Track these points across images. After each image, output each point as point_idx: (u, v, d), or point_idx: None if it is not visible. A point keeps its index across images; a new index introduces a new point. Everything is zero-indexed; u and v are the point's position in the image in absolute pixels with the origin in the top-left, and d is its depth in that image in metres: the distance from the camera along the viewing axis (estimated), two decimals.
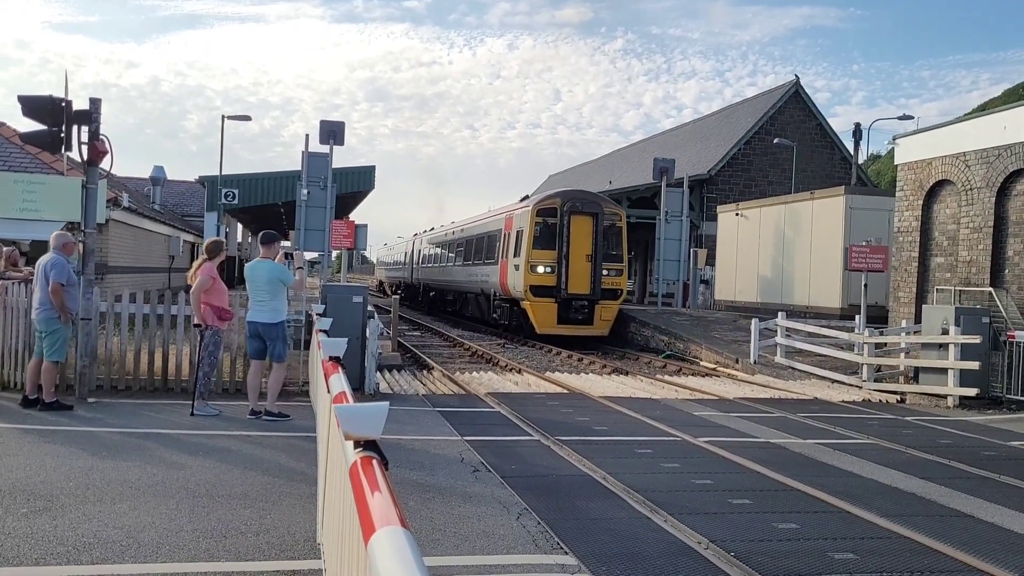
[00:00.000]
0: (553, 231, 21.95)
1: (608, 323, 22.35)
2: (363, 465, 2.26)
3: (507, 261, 23.29)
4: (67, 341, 9.82)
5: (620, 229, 22.97)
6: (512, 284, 22.68)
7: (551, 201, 22.46)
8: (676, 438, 9.43)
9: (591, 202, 22.73)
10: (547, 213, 22.16)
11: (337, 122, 23.28)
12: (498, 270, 24.26)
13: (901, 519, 6.32)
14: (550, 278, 21.72)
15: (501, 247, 24.24)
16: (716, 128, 43.12)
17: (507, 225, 24.16)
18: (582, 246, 21.85)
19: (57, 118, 9.85)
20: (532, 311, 21.79)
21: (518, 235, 22.64)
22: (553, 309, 21.66)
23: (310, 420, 8.87)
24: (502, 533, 5.66)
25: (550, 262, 21.79)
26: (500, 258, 24.16)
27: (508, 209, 25.47)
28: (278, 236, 10.22)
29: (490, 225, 26.80)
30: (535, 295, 21.61)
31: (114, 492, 6.27)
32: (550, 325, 21.61)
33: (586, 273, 21.78)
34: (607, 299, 22.12)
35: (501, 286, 23.92)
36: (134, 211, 24.53)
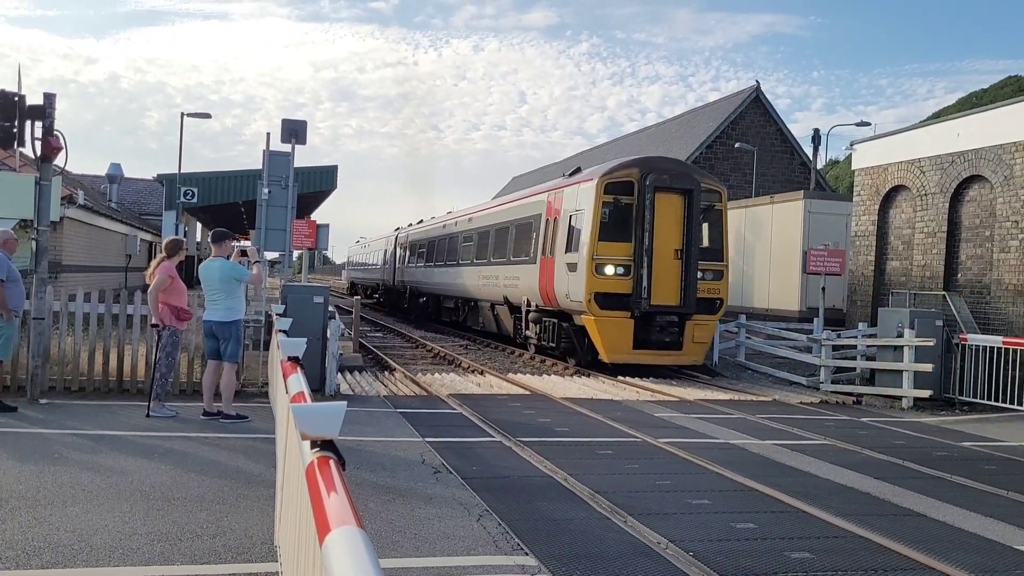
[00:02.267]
0: (627, 215, 15.64)
1: (703, 347, 16.20)
2: (320, 465, 2.24)
3: (551, 259, 17.04)
4: (11, 340, 9.58)
5: (720, 213, 16.53)
6: (562, 290, 16.38)
7: (625, 172, 15.85)
8: (637, 439, 9.49)
9: (682, 174, 16.12)
10: (619, 189, 15.71)
11: (299, 121, 23.01)
12: (535, 271, 17.99)
13: (856, 518, 6.42)
14: (623, 282, 15.44)
15: (540, 240, 18.00)
16: (679, 132, 43.52)
17: (550, 209, 17.82)
18: (669, 237, 15.62)
19: (9, 113, 9.62)
20: (597, 330, 15.48)
21: (572, 222, 16.43)
22: (627, 328, 15.41)
23: (269, 422, 8.76)
24: (462, 534, 5.64)
25: (623, 259, 15.49)
26: (538, 255, 17.95)
27: (551, 187, 18.78)
28: (230, 234, 10.07)
29: (520, 211, 20.32)
30: (601, 307, 15.32)
31: (66, 495, 6.13)
32: (623, 350, 15.44)
33: (674, 276, 15.58)
34: (703, 313, 15.78)
35: (541, 293, 17.52)
36: (90, 209, 24.05)
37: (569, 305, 16.26)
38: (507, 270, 20.15)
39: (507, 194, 34.87)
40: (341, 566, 1.48)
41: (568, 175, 18.07)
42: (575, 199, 16.53)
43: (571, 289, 15.99)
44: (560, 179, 18.87)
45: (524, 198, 20.94)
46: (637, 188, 15.63)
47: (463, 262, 24.70)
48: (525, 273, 18.72)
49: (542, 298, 17.56)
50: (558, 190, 17.84)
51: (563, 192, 17.40)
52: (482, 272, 22.32)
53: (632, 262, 15.52)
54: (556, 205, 17.56)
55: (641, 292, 15.37)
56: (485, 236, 22.96)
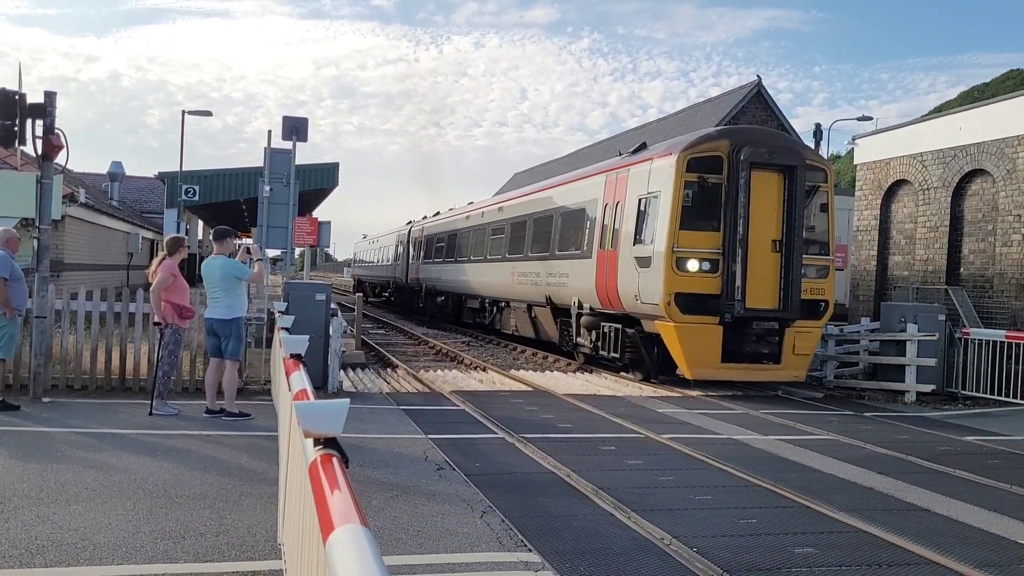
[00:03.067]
0: (714, 198, 13.02)
1: (806, 360, 13.56)
2: (323, 463, 2.23)
3: (613, 253, 14.46)
4: (13, 338, 9.58)
5: (826, 195, 13.88)
6: (628, 290, 13.78)
7: (712, 146, 13.17)
8: (640, 435, 9.48)
9: (784, 148, 13.43)
10: (705, 166, 13.02)
11: (300, 118, 23.00)
12: (589, 267, 15.46)
13: (860, 513, 6.41)
14: (709, 281, 12.86)
15: (597, 230, 15.34)
16: (680, 127, 43.43)
17: (610, 193, 15.09)
18: (767, 224, 13.01)
19: (10, 112, 9.60)
20: (678, 339, 12.82)
21: (642, 207, 13.77)
22: (715, 336, 12.79)
23: (271, 419, 8.76)
24: (466, 531, 5.64)
25: (710, 253, 12.90)
26: (594, 247, 15.36)
27: (610, 167, 15.83)
28: (231, 231, 10.06)
29: (568, 196, 17.57)
30: (683, 310, 12.73)
31: (69, 493, 6.13)
32: (709, 363, 12.89)
33: (772, 272, 13.05)
34: (806, 318, 13.21)
35: (599, 293, 14.96)
36: (91, 207, 24.06)
37: (638, 308, 13.55)
38: (551, 266, 17.59)
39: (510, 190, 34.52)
40: (345, 564, 1.47)
41: (632, 152, 15.29)
42: (646, 180, 13.80)
43: (642, 289, 13.32)
44: (620, 157, 15.96)
45: (573, 181, 17.89)
46: (727, 164, 12.92)
47: (492, 257, 22.19)
48: (576, 270, 16.13)
49: (600, 299, 14.96)
50: (621, 170, 14.97)
51: (628, 172, 14.55)
52: (517, 269, 19.81)
53: (721, 255, 12.89)
54: (619, 188, 14.77)
55: (733, 292, 12.69)
56: (521, 227, 20.29)
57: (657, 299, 12.93)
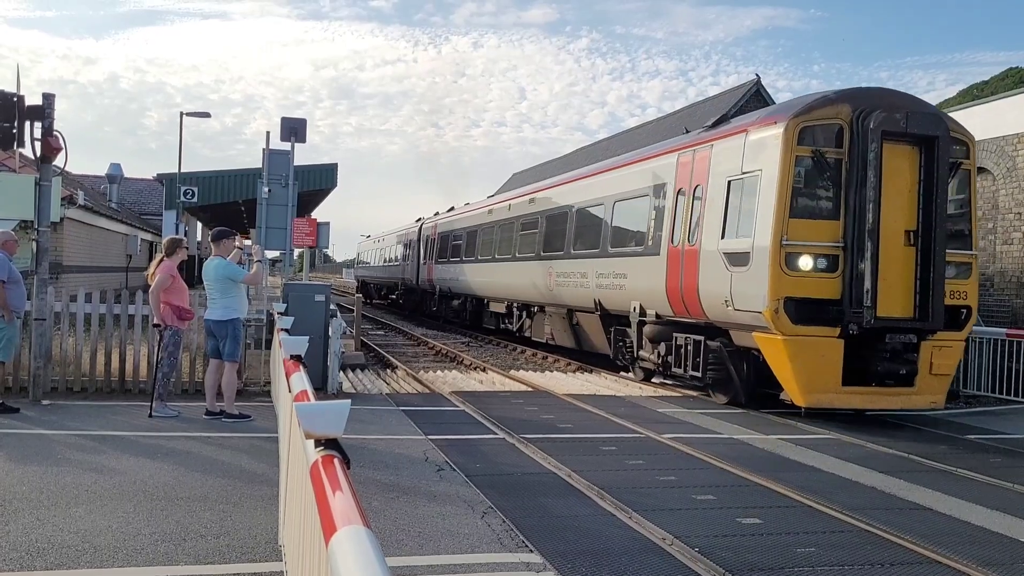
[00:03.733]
0: (833, 178, 10.50)
1: (945, 381, 11.08)
2: (324, 464, 2.22)
3: (692, 249, 11.92)
4: (12, 341, 9.56)
5: (968, 175, 11.33)
6: (716, 293, 11.27)
7: (831, 112, 10.54)
8: (641, 435, 9.47)
9: (923, 115, 10.66)
10: (821, 137, 10.51)
11: (298, 119, 22.98)
12: (656, 266, 12.90)
13: (861, 512, 6.40)
14: (827, 282, 10.33)
15: (668, 221, 12.79)
16: (679, 126, 43.38)
17: (685, 175, 12.52)
18: (898, 211, 10.51)
19: (9, 114, 9.59)
20: (787, 356, 10.26)
21: (734, 190, 11.23)
22: (835, 352, 10.25)
23: (272, 421, 8.75)
24: (467, 532, 5.63)
25: (827, 246, 10.37)
26: (663, 242, 12.83)
27: (684, 144, 13.10)
28: (229, 232, 10.05)
29: (624, 182, 14.86)
30: (796, 319, 10.21)
31: (69, 496, 6.12)
32: (827, 387, 10.27)
33: (906, 271, 10.52)
34: (947, 328, 10.68)
35: (671, 297, 12.46)
36: (90, 209, 24.05)
37: (728, 317, 11.06)
38: (602, 265, 15.19)
39: (510, 189, 34.21)
40: (347, 566, 1.46)
41: (711, 125, 12.68)
42: (738, 156, 11.19)
43: (736, 292, 10.81)
44: (693, 133, 13.46)
45: (629, 164, 15.12)
46: (850, 135, 10.41)
47: (523, 256, 19.86)
48: (637, 269, 13.73)
49: (672, 305, 12.51)
50: (700, 147, 12.33)
51: (712, 149, 11.94)
52: (555, 268, 17.45)
53: (841, 250, 10.33)
54: (697, 169, 12.20)
55: (860, 297, 10.14)
56: (560, 221, 17.86)
57: (759, 305, 10.36)
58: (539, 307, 19.19)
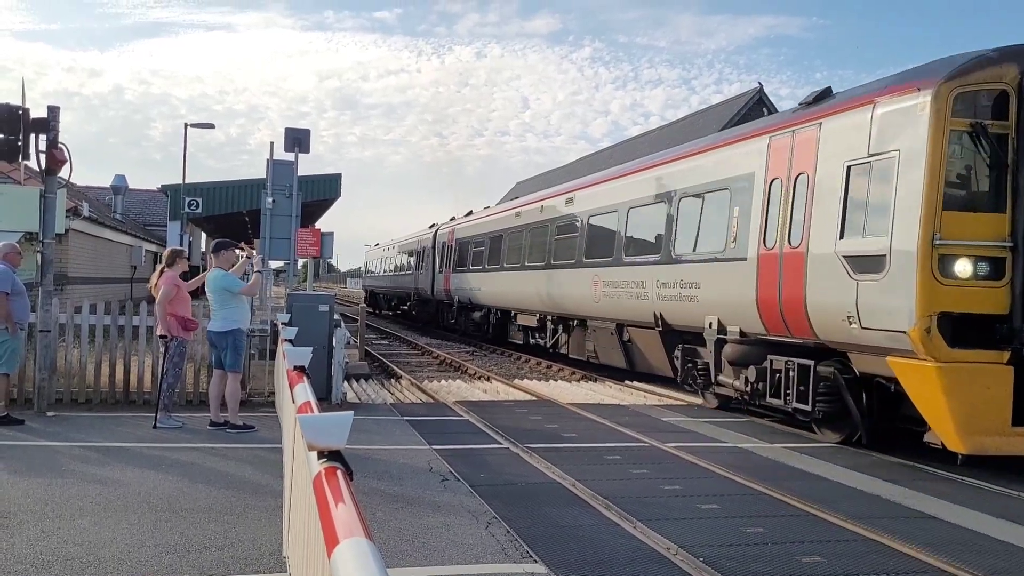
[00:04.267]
0: (997, 157, 8.43)
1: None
2: (327, 476, 2.22)
3: (796, 251, 9.82)
4: (16, 353, 9.59)
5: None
6: (834, 307, 9.13)
7: (992, 75, 8.39)
8: (645, 444, 9.46)
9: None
10: (981, 106, 8.51)
11: (302, 129, 23.10)
12: (744, 273, 10.79)
13: (867, 521, 6.38)
14: (991, 294, 8.28)
15: (760, 217, 10.62)
16: (682, 134, 43.44)
17: (779, 162, 10.41)
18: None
19: (14, 126, 9.65)
20: (941, 389, 8.06)
21: (855, 178, 9.17)
22: (1004, 381, 8.07)
23: (275, 431, 8.76)
24: (471, 542, 5.62)
25: (991, 247, 8.33)
26: (753, 244, 10.69)
27: (779, 124, 10.80)
28: (228, 243, 10.09)
29: (697, 174, 12.50)
30: (954, 340, 8.12)
31: (74, 508, 6.13)
32: (995, 428, 8.06)
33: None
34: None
35: (764, 310, 10.38)
36: (94, 220, 24.13)
37: (852, 336, 8.85)
38: (665, 273, 12.95)
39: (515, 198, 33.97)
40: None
41: (812, 101, 10.31)
42: (864, 135, 8.97)
43: (867, 305, 8.63)
44: (789, 112, 11.10)
45: (703, 153, 12.72)
46: (1018, 103, 8.35)
47: (559, 263, 17.78)
48: (715, 277, 11.53)
49: (765, 320, 10.34)
50: (801, 127, 10.11)
51: (820, 129, 9.70)
52: (602, 277, 15.26)
53: (1009, 251, 8.27)
54: (799, 154, 9.99)
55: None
56: (608, 222, 15.65)
57: (901, 323, 8.20)
58: (579, 321, 17.14)
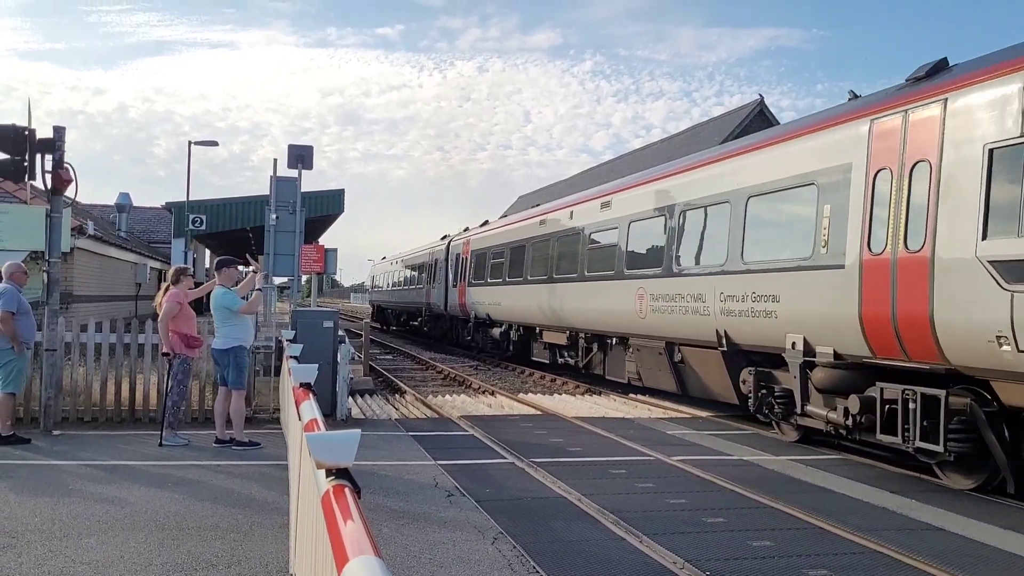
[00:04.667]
0: None
1: None
2: (335, 494, 2.24)
3: (916, 256, 8.15)
4: (22, 372, 9.62)
5: None
6: (975, 324, 7.42)
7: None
8: (650, 457, 9.44)
9: None
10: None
11: (305, 146, 23.18)
12: (843, 283, 9.16)
13: (874, 534, 6.37)
14: None
15: (863, 216, 8.97)
16: (683, 147, 43.56)
17: (886, 149, 8.72)
18: None
19: (20, 147, 9.72)
20: None
21: (1005, 165, 7.32)
22: None
23: (281, 448, 8.77)
24: (477, 558, 5.62)
25: None
26: (856, 247, 9.01)
27: (883, 104, 8.95)
28: (230, 261, 10.13)
29: (775, 167, 10.73)
30: None
31: (80, 526, 6.14)
32: None
33: None
34: None
35: (870, 327, 8.75)
36: (99, 239, 24.20)
37: (1001, 361, 7.28)
38: (732, 284, 11.23)
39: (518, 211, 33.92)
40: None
41: (923, 76, 8.61)
42: (1010, 109, 7.32)
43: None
44: (897, 88, 9.08)
45: (776, 142, 10.90)
46: None
47: (594, 274, 16.07)
48: (800, 288, 9.88)
49: (872, 340, 8.72)
50: (919, 105, 8.35)
51: (946, 105, 8.00)
52: (649, 290, 13.45)
53: None
54: (917, 137, 8.29)
55: None
56: (655, 228, 13.77)
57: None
58: (618, 339, 15.36)
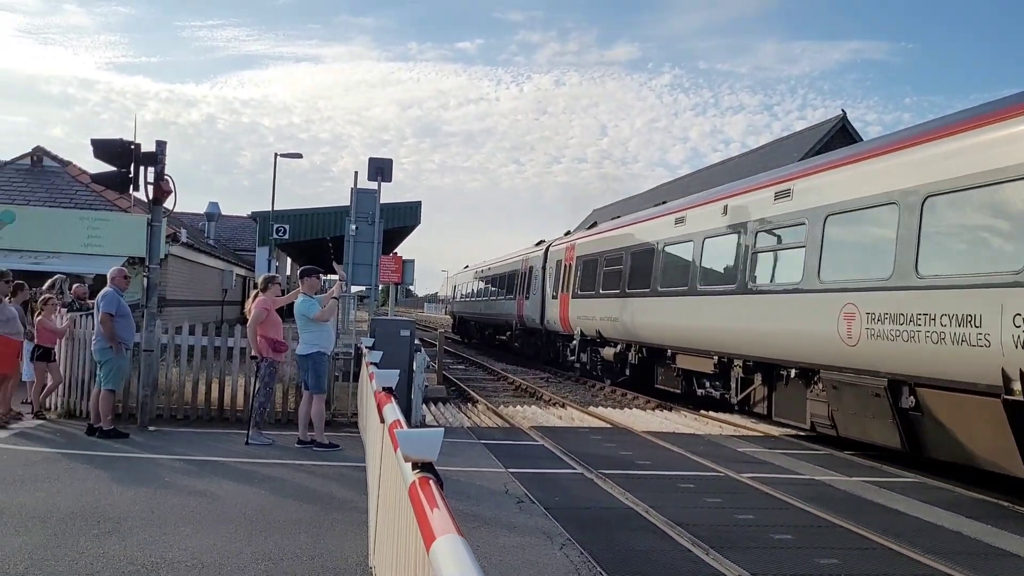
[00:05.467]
0: None
1: None
2: (421, 484, 2.50)
3: None
4: (122, 370, 10.26)
5: None
6: None
7: None
8: (720, 473, 9.49)
9: None
10: None
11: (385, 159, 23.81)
12: None
13: (944, 557, 6.33)
14: None
15: None
16: (762, 163, 42.98)
17: None
18: None
19: (126, 160, 10.41)
20: None
21: None
22: None
23: (359, 451, 9.15)
24: (546, 563, 5.83)
25: None
26: None
27: None
28: (313, 271, 10.65)
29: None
30: None
31: (176, 516, 6.59)
32: None
33: None
34: None
35: None
36: (191, 246, 25.36)
37: None
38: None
39: (592, 225, 34.03)
40: (448, 567, 1.72)
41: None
42: None
43: None
44: None
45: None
46: None
47: (767, 284, 12.63)
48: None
49: None
50: None
51: None
52: (865, 306, 10.02)
53: None
54: None
55: None
56: (872, 222, 10.48)
57: None
58: (800, 370, 11.87)
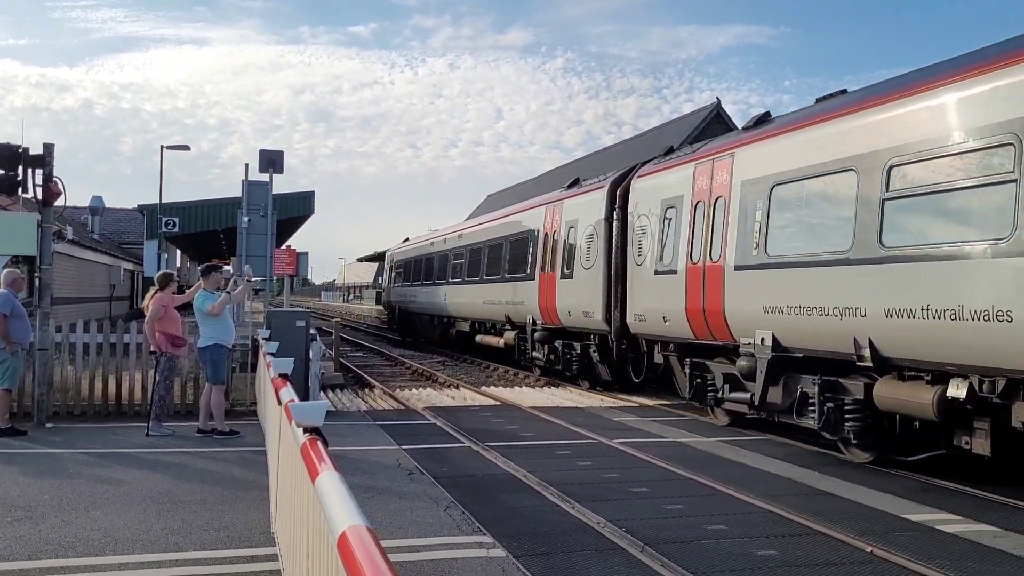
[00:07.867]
0: None
1: None
2: (311, 444, 3.25)
3: None
4: (16, 370, 10.43)
5: None
6: None
7: None
8: (593, 440, 10.51)
9: None
10: None
11: (276, 151, 23.84)
12: None
13: (773, 498, 7.46)
14: None
15: None
16: (647, 147, 44.80)
17: None
18: None
19: (14, 163, 10.53)
20: None
21: None
22: None
23: (258, 436, 9.71)
24: (431, 521, 6.63)
25: None
26: None
27: None
28: (214, 267, 11.24)
29: None
30: None
31: (86, 501, 7.06)
32: None
33: None
34: None
35: None
36: (76, 243, 24.86)
37: None
38: None
39: (486, 212, 34.29)
40: (327, 489, 2.48)
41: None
42: None
43: None
44: None
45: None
46: None
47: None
48: None
49: None
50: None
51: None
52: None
53: None
54: None
55: None
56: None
57: None
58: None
